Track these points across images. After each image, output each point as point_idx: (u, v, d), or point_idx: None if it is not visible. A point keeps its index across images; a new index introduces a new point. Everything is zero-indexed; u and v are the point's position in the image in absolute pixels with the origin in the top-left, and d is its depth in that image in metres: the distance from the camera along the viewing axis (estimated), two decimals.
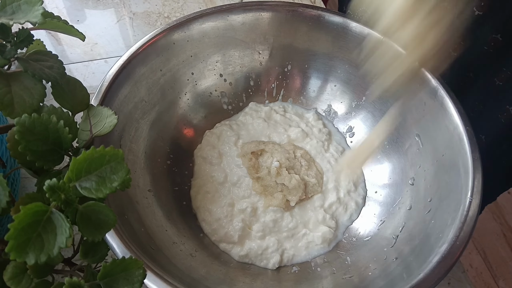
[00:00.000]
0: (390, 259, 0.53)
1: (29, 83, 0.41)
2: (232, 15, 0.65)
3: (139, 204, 0.53)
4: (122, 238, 0.43)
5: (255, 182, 0.62)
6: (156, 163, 0.61)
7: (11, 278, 0.35)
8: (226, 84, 0.71)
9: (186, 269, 0.51)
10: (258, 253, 0.58)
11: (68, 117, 0.42)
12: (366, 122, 0.68)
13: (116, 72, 0.55)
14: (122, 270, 0.36)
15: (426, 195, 0.56)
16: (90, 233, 0.34)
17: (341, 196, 0.63)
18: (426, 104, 0.58)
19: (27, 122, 0.37)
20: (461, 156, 0.52)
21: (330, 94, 0.71)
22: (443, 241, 0.46)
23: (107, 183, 0.34)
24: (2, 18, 0.37)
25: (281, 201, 0.60)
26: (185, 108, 0.67)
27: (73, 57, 0.82)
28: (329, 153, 0.68)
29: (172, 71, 0.64)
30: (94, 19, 0.88)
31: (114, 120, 0.44)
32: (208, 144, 0.67)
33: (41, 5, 0.38)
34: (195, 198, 0.62)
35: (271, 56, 0.70)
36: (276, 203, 0.60)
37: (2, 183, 0.35)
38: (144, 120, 0.60)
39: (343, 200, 0.63)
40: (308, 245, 0.59)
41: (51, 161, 0.38)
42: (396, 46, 0.55)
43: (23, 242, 0.30)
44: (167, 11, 0.90)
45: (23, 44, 0.41)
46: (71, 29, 0.46)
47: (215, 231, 0.59)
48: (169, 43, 0.62)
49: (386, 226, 0.58)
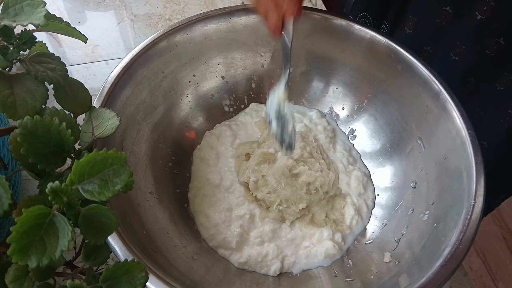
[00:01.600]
0: (392, 262, 0.53)
1: (32, 85, 0.40)
2: (235, 18, 0.65)
3: (140, 206, 0.53)
4: (124, 240, 0.43)
5: (247, 191, 0.61)
6: (157, 165, 0.60)
7: (12, 280, 0.35)
8: (228, 86, 0.70)
9: (186, 271, 0.51)
10: (258, 260, 0.57)
11: (70, 119, 0.42)
12: (368, 125, 0.68)
13: (119, 74, 0.55)
14: (125, 273, 0.36)
15: (428, 198, 0.56)
16: (93, 236, 0.34)
17: (357, 206, 0.62)
18: (428, 107, 0.58)
19: (30, 125, 0.36)
20: (463, 160, 0.52)
21: (332, 96, 0.71)
22: (446, 244, 0.46)
23: (110, 186, 0.34)
24: (4, 20, 0.37)
25: (277, 215, 0.59)
26: (187, 110, 0.67)
27: (74, 59, 0.82)
28: (339, 152, 0.67)
29: (174, 73, 0.64)
30: (95, 21, 0.88)
31: (116, 122, 0.44)
32: (207, 144, 0.67)
33: (44, 7, 0.38)
34: (193, 201, 0.62)
35: (273, 59, 0.70)
36: (272, 216, 0.59)
37: (4, 185, 0.35)
38: (146, 122, 0.60)
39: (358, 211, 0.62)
40: (309, 255, 0.58)
41: (53, 163, 0.38)
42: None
43: (25, 245, 0.30)
44: (168, 13, 0.90)
45: (26, 46, 0.41)
46: (73, 31, 0.46)
47: (213, 237, 0.58)
48: (171, 45, 0.62)
49: (388, 229, 0.58)
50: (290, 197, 0.59)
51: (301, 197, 0.59)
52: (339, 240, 0.58)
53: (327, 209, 0.61)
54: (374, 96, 0.67)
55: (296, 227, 0.60)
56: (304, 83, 0.72)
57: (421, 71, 0.59)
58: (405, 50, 0.61)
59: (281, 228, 0.59)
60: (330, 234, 0.58)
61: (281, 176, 0.60)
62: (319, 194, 0.60)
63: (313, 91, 0.72)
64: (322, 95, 0.72)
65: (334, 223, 0.60)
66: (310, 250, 0.58)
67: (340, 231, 0.59)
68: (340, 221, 0.60)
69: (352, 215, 0.60)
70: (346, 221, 0.60)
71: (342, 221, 0.60)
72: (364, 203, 0.62)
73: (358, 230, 0.60)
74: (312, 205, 0.61)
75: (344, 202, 0.62)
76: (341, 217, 0.61)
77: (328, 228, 0.59)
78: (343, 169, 0.65)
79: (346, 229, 0.59)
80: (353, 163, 0.66)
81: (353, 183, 0.63)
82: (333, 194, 0.62)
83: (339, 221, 0.60)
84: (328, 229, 0.58)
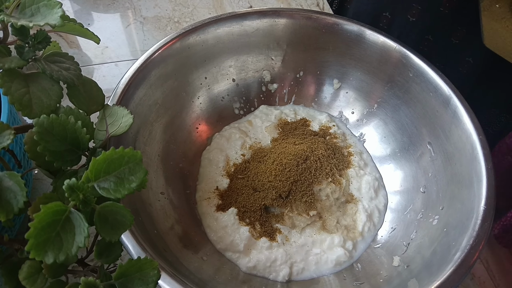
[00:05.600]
0: (401, 267, 0.53)
1: (47, 84, 0.41)
2: (247, 21, 0.66)
3: (152, 206, 0.53)
4: (137, 238, 0.43)
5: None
6: (168, 166, 0.61)
7: (26, 277, 0.35)
8: (239, 89, 0.71)
9: (196, 270, 0.51)
10: (266, 265, 0.56)
11: (84, 118, 0.42)
12: (378, 129, 0.68)
13: (133, 74, 0.56)
14: (137, 271, 0.36)
15: (438, 203, 0.56)
16: (107, 233, 0.34)
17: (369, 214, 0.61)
18: (438, 112, 0.59)
19: (46, 123, 0.37)
20: (474, 165, 0.52)
21: (343, 101, 0.71)
22: (456, 249, 0.46)
23: (125, 184, 0.34)
24: (21, 20, 0.37)
25: (287, 222, 0.59)
26: (198, 111, 0.67)
27: (84, 60, 0.82)
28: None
29: (186, 75, 0.65)
30: (105, 23, 0.89)
31: (130, 119, 0.44)
32: (217, 146, 0.67)
33: (59, 8, 0.38)
34: (201, 203, 0.61)
35: (284, 62, 0.71)
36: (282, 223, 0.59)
37: (20, 183, 0.35)
38: (158, 123, 0.60)
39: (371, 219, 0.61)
40: (319, 262, 0.57)
41: (69, 161, 0.38)
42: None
43: (42, 241, 0.30)
44: (177, 16, 0.90)
45: (41, 45, 0.41)
46: (87, 32, 0.46)
47: (221, 239, 0.58)
48: (184, 47, 0.62)
49: (397, 233, 0.58)
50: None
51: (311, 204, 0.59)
52: (350, 248, 0.58)
53: (338, 215, 0.61)
54: (384, 101, 0.67)
55: (306, 233, 0.59)
56: (315, 86, 0.72)
57: (432, 77, 0.59)
58: (416, 55, 0.61)
59: (291, 233, 0.59)
60: (341, 241, 0.57)
61: None
62: (330, 201, 0.60)
63: (324, 95, 0.72)
64: (332, 99, 0.72)
65: (345, 229, 0.59)
66: (320, 257, 0.57)
67: (352, 238, 0.59)
68: (352, 227, 0.60)
69: (364, 222, 0.60)
70: (358, 228, 0.60)
71: (354, 227, 0.60)
72: (376, 208, 0.62)
73: (371, 237, 0.60)
74: (323, 212, 0.60)
75: (356, 208, 0.61)
76: (352, 223, 0.60)
77: (339, 234, 0.58)
78: (354, 174, 0.64)
79: (358, 236, 0.59)
80: (363, 167, 0.66)
81: (364, 188, 0.63)
82: (344, 200, 0.62)
83: (350, 228, 0.60)
84: (339, 236, 0.58)
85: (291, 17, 0.66)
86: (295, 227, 0.59)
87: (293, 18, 0.66)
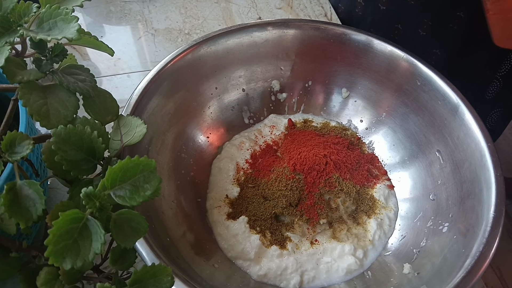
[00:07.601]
0: (412, 274, 0.53)
1: (64, 96, 0.42)
2: (256, 32, 0.67)
3: (164, 214, 0.54)
4: (151, 245, 0.44)
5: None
6: (180, 174, 0.62)
7: (43, 283, 0.36)
8: (248, 99, 0.72)
9: (208, 277, 0.51)
10: (277, 274, 0.56)
11: (100, 128, 0.43)
12: (387, 138, 0.68)
13: (147, 85, 0.57)
14: (151, 277, 0.37)
15: (447, 210, 0.56)
16: (123, 240, 0.35)
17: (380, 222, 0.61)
18: (447, 120, 0.59)
19: (63, 133, 0.38)
20: (483, 172, 0.52)
21: (351, 109, 0.72)
22: (467, 256, 0.47)
23: (141, 192, 0.35)
24: (40, 34, 0.39)
25: (297, 231, 0.60)
26: (208, 121, 0.68)
27: (97, 71, 0.83)
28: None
29: (197, 85, 0.66)
30: (117, 35, 0.90)
31: (143, 129, 0.45)
32: (227, 155, 0.67)
33: (76, 22, 0.40)
34: (211, 212, 0.62)
35: (293, 72, 0.71)
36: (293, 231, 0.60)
37: (39, 192, 0.37)
38: (170, 133, 0.61)
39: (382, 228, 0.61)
40: (330, 270, 0.57)
41: (85, 170, 0.39)
42: None
43: (61, 248, 0.31)
44: (187, 28, 0.92)
45: (58, 58, 0.42)
46: (102, 44, 0.48)
47: (232, 247, 0.58)
48: (196, 58, 0.64)
49: (407, 240, 0.58)
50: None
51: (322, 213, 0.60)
52: (360, 256, 0.58)
53: (349, 223, 0.61)
54: (392, 109, 0.67)
55: (317, 241, 0.60)
56: (323, 95, 0.73)
57: (440, 85, 0.60)
58: (424, 64, 0.62)
59: (301, 241, 0.59)
60: (351, 249, 0.57)
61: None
62: (340, 210, 0.61)
63: (332, 103, 0.73)
64: (341, 108, 0.73)
65: (356, 238, 0.60)
66: (331, 265, 0.57)
67: (362, 247, 0.59)
68: (363, 235, 0.60)
69: (374, 230, 0.60)
70: (368, 236, 0.60)
71: (364, 236, 0.60)
72: (386, 217, 0.62)
73: (381, 245, 0.60)
74: (334, 220, 0.61)
75: (366, 216, 0.62)
76: (363, 232, 0.60)
77: (349, 243, 0.58)
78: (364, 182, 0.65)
79: (368, 245, 0.59)
80: (374, 176, 0.66)
81: (375, 196, 0.63)
82: (354, 209, 0.62)
83: (361, 236, 0.60)
84: (350, 244, 0.58)
85: (300, 28, 0.67)
86: (306, 235, 0.60)
87: (302, 28, 0.67)
